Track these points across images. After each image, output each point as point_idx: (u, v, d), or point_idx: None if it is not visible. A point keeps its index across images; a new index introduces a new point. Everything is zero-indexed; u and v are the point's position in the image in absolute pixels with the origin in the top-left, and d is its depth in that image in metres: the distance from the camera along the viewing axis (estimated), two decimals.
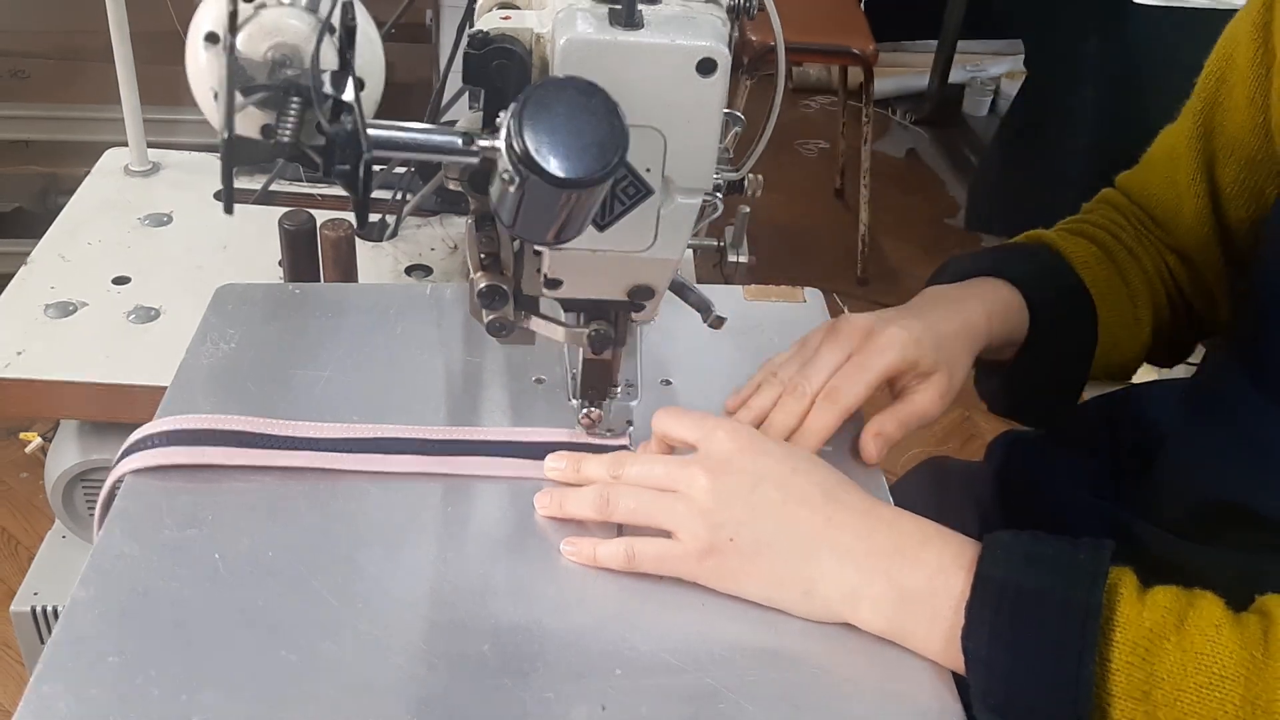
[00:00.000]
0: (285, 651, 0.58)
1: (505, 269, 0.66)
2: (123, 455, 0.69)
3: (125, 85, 1.24)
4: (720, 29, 0.55)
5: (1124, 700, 0.55)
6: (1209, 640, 0.55)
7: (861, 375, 0.71)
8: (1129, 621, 0.55)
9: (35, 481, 1.93)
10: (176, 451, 0.68)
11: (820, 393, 0.71)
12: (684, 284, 0.70)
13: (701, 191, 0.58)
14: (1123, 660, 0.55)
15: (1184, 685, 0.54)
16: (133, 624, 0.59)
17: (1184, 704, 0.54)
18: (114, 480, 0.68)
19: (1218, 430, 0.76)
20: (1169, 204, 0.86)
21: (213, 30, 0.65)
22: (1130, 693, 0.55)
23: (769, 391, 0.73)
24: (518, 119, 0.49)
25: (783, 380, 0.73)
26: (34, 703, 0.55)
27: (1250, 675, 0.53)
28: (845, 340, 0.73)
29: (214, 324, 0.82)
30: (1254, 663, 0.53)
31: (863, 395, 0.72)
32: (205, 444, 0.68)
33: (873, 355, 0.72)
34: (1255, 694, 0.53)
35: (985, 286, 0.81)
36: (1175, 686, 0.54)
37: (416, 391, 0.78)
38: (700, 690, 0.58)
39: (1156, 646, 0.55)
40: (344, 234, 1.02)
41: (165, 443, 0.68)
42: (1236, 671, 0.53)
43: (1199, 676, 0.54)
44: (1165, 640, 0.55)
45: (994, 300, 0.80)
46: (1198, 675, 0.54)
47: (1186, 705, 0.54)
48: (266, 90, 0.63)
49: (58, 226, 1.22)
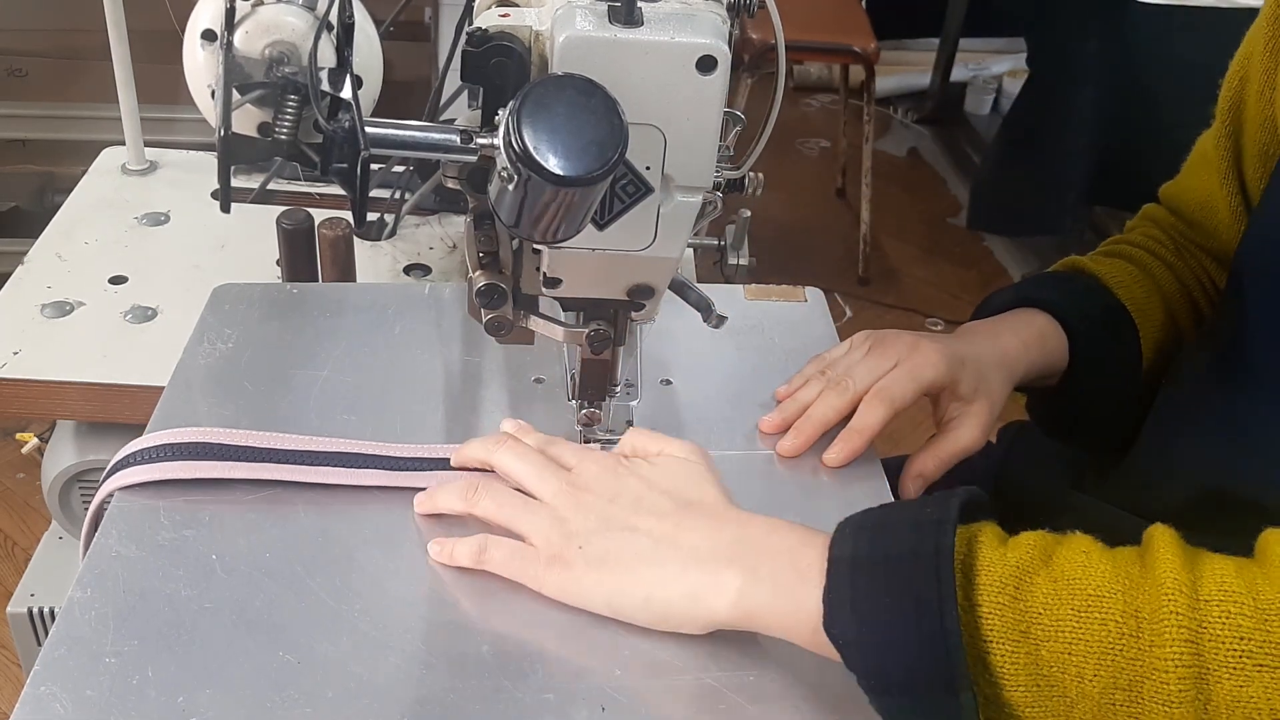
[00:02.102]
0: (283, 652, 0.58)
1: (504, 268, 0.66)
2: (110, 472, 0.68)
3: (123, 84, 1.24)
4: (720, 26, 0.55)
5: (1002, 643, 0.51)
6: (1079, 566, 0.52)
7: (911, 381, 0.74)
8: (992, 564, 0.53)
9: (32, 482, 1.93)
10: (164, 467, 0.67)
11: (869, 392, 0.74)
12: (684, 283, 0.69)
13: (701, 190, 0.58)
14: (992, 603, 0.52)
15: (1061, 614, 0.51)
16: (130, 625, 0.59)
17: (1065, 632, 0.51)
18: (103, 497, 0.67)
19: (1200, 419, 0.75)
20: (1207, 208, 0.86)
21: (210, 28, 0.65)
22: (1007, 634, 0.51)
23: (815, 386, 0.76)
24: (516, 117, 0.49)
25: (830, 378, 0.76)
26: (31, 704, 0.55)
27: (1129, 589, 0.51)
28: (892, 349, 0.76)
29: (211, 324, 0.82)
30: (1130, 579, 0.51)
31: (911, 398, 0.74)
32: (192, 459, 0.67)
33: (922, 366, 0.75)
34: (1137, 605, 0.50)
35: (1019, 317, 0.82)
36: (1053, 617, 0.51)
37: (415, 391, 0.78)
38: (700, 690, 0.58)
39: (1026, 583, 0.52)
40: (342, 233, 1.01)
41: (152, 459, 0.67)
42: (1112, 588, 0.51)
43: (1075, 601, 0.51)
44: (1034, 575, 0.52)
45: (1028, 329, 0.81)
46: (1073, 600, 0.51)
47: (1068, 633, 0.51)
48: (264, 88, 0.63)
49: (54, 226, 1.21)
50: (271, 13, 0.84)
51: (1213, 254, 0.88)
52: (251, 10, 0.85)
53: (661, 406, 0.79)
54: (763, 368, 0.83)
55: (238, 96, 0.79)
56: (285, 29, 0.88)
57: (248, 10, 0.84)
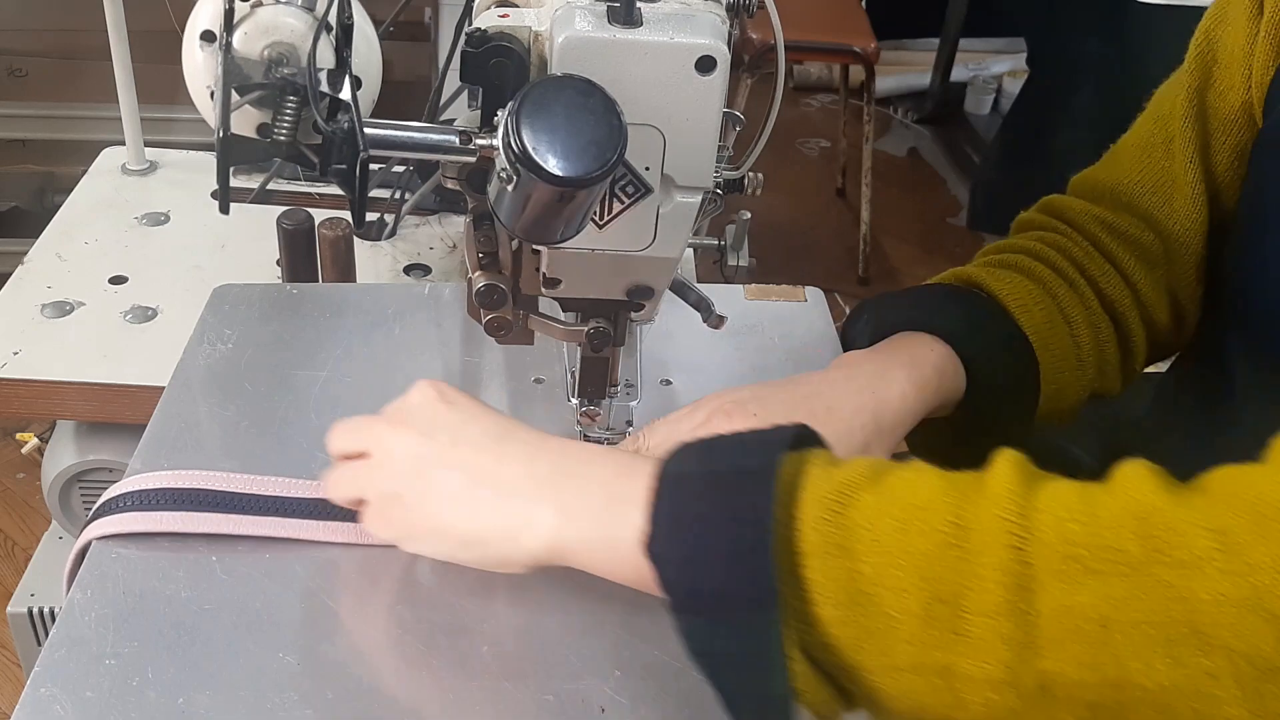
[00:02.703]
0: (283, 653, 0.58)
1: (504, 268, 0.66)
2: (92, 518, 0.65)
3: (123, 84, 1.24)
4: (719, 27, 0.55)
5: (818, 557, 0.47)
6: (907, 483, 0.48)
7: None
8: (817, 481, 0.49)
9: (32, 482, 1.93)
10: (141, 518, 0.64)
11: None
12: (684, 283, 0.69)
13: (701, 190, 0.58)
14: (811, 516, 0.48)
15: (882, 528, 0.47)
16: (130, 626, 0.59)
17: (885, 545, 0.46)
18: (82, 545, 0.64)
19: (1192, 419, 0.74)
20: (1159, 193, 0.79)
21: (209, 29, 0.65)
22: (824, 549, 0.47)
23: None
24: (516, 117, 0.49)
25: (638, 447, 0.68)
26: (31, 704, 0.55)
27: (957, 502, 0.47)
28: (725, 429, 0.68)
29: (211, 324, 0.82)
30: (961, 492, 0.47)
31: None
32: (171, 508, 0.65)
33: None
34: (962, 514, 0.46)
35: (914, 349, 0.73)
36: (874, 532, 0.47)
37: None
38: (701, 691, 0.58)
39: (849, 499, 0.48)
40: (342, 233, 1.01)
41: (133, 506, 0.65)
42: (940, 501, 0.47)
43: (898, 513, 0.47)
44: (859, 492, 0.48)
45: (924, 366, 0.71)
46: (896, 512, 0.47)
47: (889, 545, 0.46)
48: (263, 89, 0.63)
49: (54, 226, 1.21)
50: (270, 14, 0.84)
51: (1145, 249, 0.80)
52: (250, 11, 0.85)
53: (661, 406, 0.79)
54: (763, 368, 0.83)
55: (237, 97, 0.79)
56: (284, 30, 0.88)
57: (246, 11, 0.84)
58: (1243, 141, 0.75)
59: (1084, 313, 0.78)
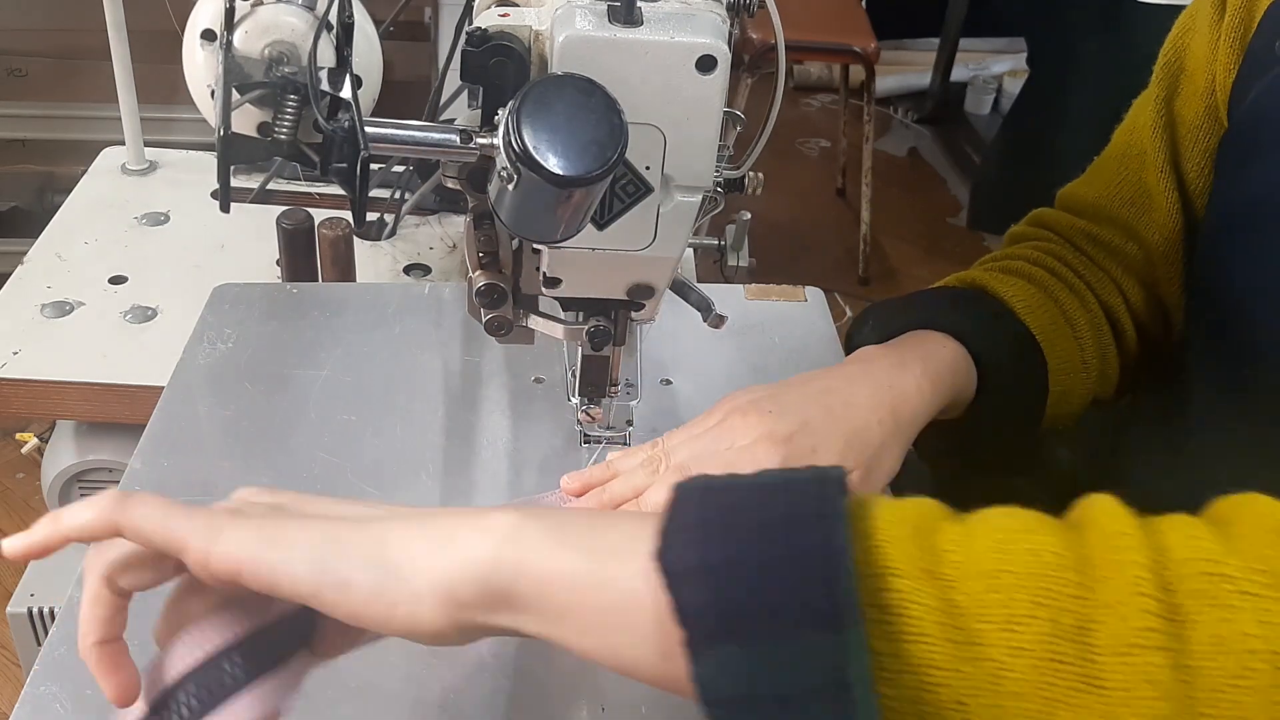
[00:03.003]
0: None
1: (504, 267, 0.66)
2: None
3: (122, 84, 1.24)
4: (720, 26, 0.55)
5: (902, 578, 0.38)
6: (984, 515, 0.41)
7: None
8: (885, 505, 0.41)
9: (32, 482, 1.93)
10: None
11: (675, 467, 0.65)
12: (684, 283, 0.69)
13: (701, 190, 0.58)
14: (888, 534, 0.39)
15: (976, 549, 0.39)
16: (130, 625, 0.59)
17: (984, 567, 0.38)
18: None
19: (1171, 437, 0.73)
20: (1136, 205, 0.79)
21: (210, 28, 0.65)
22: (908, 569, 0.38)
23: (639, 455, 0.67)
24: (516, 116, 0.49)
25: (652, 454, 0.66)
26: (31, 704, 0.54)
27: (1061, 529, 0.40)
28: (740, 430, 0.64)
29: (211, 323, 0.82)
30: (1054, 524, 0.41)
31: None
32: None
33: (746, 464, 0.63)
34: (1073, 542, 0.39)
35: (927, 345, 0.71)
36: (965, 553, 0.39)
37: (415, 391, 0.78)
38: None
39: (927, 526, 0.40)
40: (342, 233, 1.01)
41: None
42: (1036, 522, 0.40)
43: (992, 536, 0.40)
44: (938, 521, 0.41)
45: (937, 362, 0.70)
46: (990, 536, 0.40)
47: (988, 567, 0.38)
48: (263, 88, 0.63)
49: (54, 226, 1.21)
50: (271, 13, 0.84)
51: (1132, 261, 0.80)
52: (251, 10, 0.85)
53: (661, 406, 0.79)
54: (763, 368, 0.83)
55: (237, 96, 0.79)
56: (285, 29, 0.88)
57: (247, 10, 0.84)
58: (1211, 146, 0.75)
59: (1086, 316, 0.78)
